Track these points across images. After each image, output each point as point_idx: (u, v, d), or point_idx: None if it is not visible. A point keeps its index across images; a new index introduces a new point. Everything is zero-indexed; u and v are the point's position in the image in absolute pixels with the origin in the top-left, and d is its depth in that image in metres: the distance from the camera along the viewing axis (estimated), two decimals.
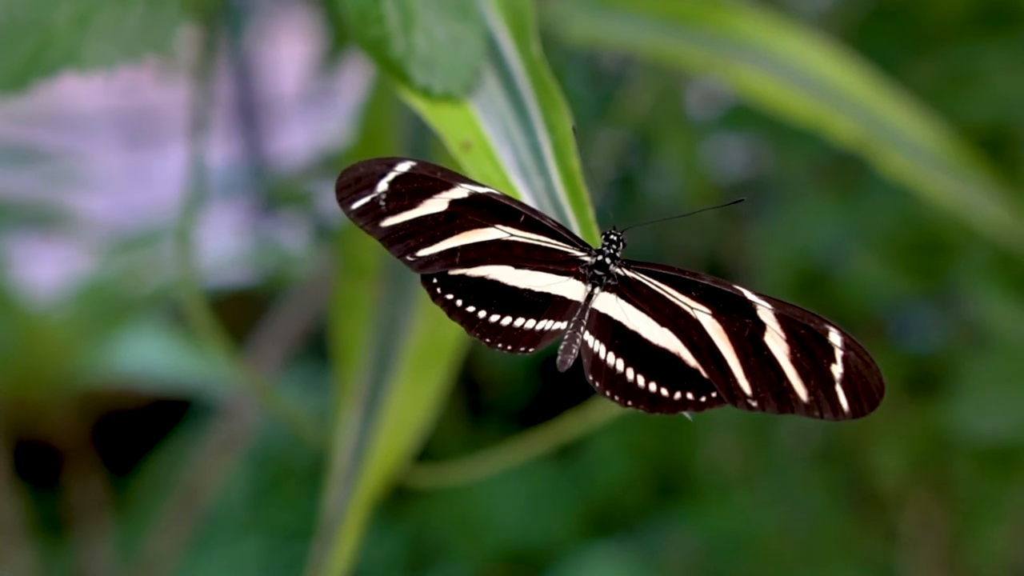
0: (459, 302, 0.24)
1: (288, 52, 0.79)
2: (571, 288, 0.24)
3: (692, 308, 0.23)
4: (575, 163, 0.25)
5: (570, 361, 0.23)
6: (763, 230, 0.58)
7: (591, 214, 0.25)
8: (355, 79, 0.64)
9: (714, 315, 0.23)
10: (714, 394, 0.23)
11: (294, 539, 0.84)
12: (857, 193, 0.51)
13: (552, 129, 0.26)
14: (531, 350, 0.24)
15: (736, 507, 0.73)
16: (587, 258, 0.24)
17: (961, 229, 0.47)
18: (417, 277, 0.37)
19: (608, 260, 0.24)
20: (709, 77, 0.52)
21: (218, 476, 0.68)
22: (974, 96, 0.48)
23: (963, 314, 0.54)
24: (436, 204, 0.24)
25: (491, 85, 0.28)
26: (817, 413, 0.22)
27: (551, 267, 0.24)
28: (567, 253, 0.24)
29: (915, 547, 0.65)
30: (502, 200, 0.24)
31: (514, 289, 0.24)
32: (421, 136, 0.38)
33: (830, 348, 0.22)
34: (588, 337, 0.24)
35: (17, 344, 0.68)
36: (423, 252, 0.24)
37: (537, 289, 0.24)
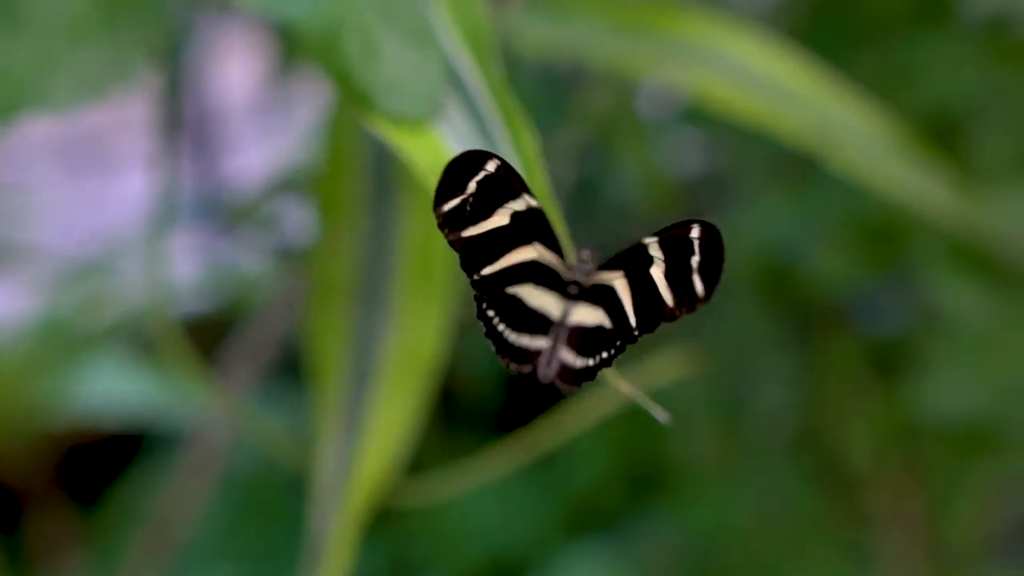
0: (495, 320, 0.24)
1: (237, 69, 0.79)
2: (556, 306, 0.24)
3: (612, 279, 0.24)
4: (545, 182, 0.26)
5: (551, 374, 0.24)
6: (722, 228, 0.59)
7: (564, 229, 0.25)
8: (308, 93, 0.64)
9: (624, 275, 0.24)
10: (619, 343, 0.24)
11: (268, 564, 0.83)
12: (813, 186, 0.52)
13: (519, 149, 0.27)
14: (528, 368, 0.24)
15: (713, 498, 0.74)
16: (569, 276, 0.25)
17: (914, 218, 0.48)
18: (390, 291, 0.38)
19: (580, 278, 0.25)
20: (663, 81, 0.53)
21: (189, 504, 0.68)
22: (916, 88, 0.49)
23: (922, 298, 0.56)
24: (502, 215, 0.24)
25: (454, 109, 0.29)
26: (679, 311, 0.23)
27: (553, 288, 0.24)
28: (560, 273, 0.25)
29: (888, 527, 0.67)
30: (544, 219, 0.24)
31: (531, 310, 0.24)
32: (387, 158, 0.39)
33: (690, 243, 0.23)
34: (562, 349, 0.24)
35: None
36: (487, 271, 0.24)
37: (539, 310, 0.24)
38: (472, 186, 0.23)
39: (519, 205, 0.24)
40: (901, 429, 0.59)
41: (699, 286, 0.23)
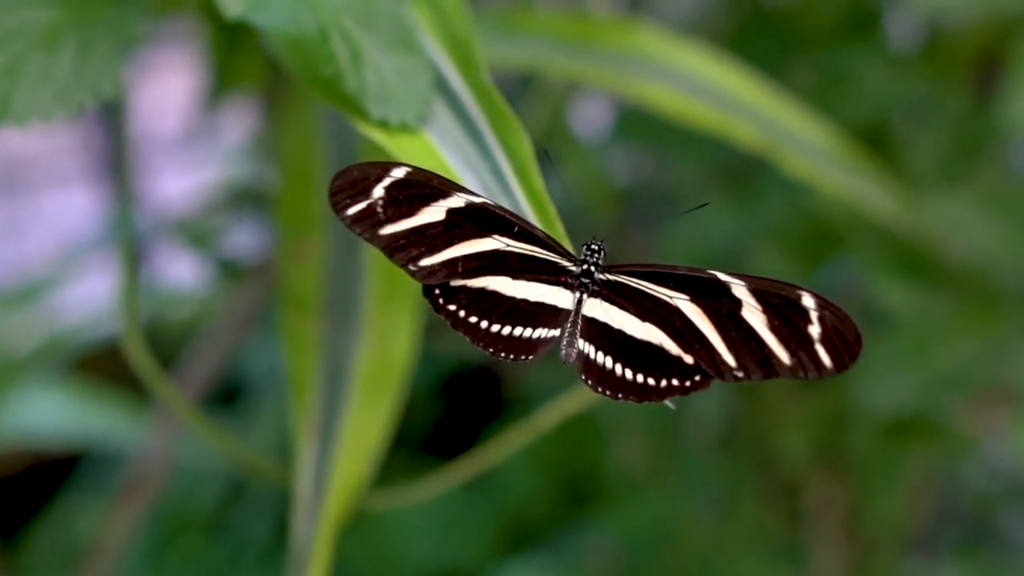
0: (462, 313, 0.25)
1: (160, 90, 0.78)
2: (562, 297, 0.25)
3: (672, 298, 0.25)
4: (540, 183, 0.26)
5: (573, 355, 0.25)
6: (658, 235, 0.60)
7: (561, 228, 0.26)
8: (235, 118, 0.63)
9: (692, 300, 0.24)
10: (697, 377, 0.24)
11: None
12: (751, 192, 0.54)
13: (512, 152, 0.27)
14: (530, 357, 0.25)
15: (647, 505, 0.75)
16: (573, 268, 0.25)
17: (851, 218, 0.50)
18: (359, 305, 0.38)
19: (592, 268, 0.25)
20: (607, 92, 0.54)
21: (119, 532, 0.66)
22: (848, 97, 0.52)
23: (856, 299, 0.58)
24: (434, 212, 0.24)
25: (442, 114, 0.29)
26: (802, 373, 0.24)
27: (543, 277, 0.25)
28: (556, 263, 0.25)
29: (816, 524, 0.69)
30: (497, 211, 0.25)
31: (512, 299, 0.25)
32: (346, 162, 0.39)
33: (804, 311, 0.24)
34: (579, 341, 0.25)
35: None
36: (425, 262, 0.24)
37: (532, 299, 0.25)
38: (379, 191, 0.24)
39: (455, 203, 0.25)
40: (830, 427, 0.61)
41: (827, 359, 0.23)
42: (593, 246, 0.26)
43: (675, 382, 0.24)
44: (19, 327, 0.70)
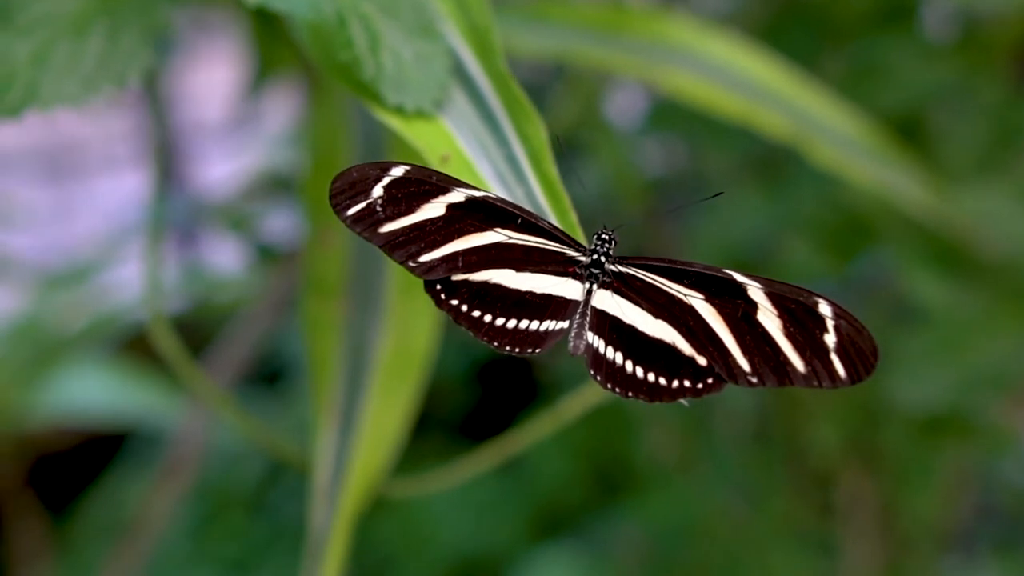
0: (464, 307, 0.24)
1: (207, 79, 0.79)
2: (570, 288, 0.25)
3: (686, 295, 0.24)
4: (554, 170, 0.26)
5: (581, 347, 0.25)
6: (690, 226, 0.60)
7: (574, 217, 0.26)
8: (279, 105, 0.64)
9: (707, 299, 0.24)
10: (710, 380, 0.24)
11: (238, 569, 0.83)
12: (781, 183, 0.53)
13: (527, 139, 0.27)
14: (538, 350, 0.25)
15: (678, 496, 0.74)
16: (582, 258, 0.25)
17: (883, 211, 0.50)
18: (382, 291, 0.38)
19: (603, 259, 0.25)
20: (637, 81, 0.54)
21: (162, 509, 0.67)
22: (881, 87, 0.51)
23: (888, 292, 0.57)
24: (434, 208, 0.24)
25: (460, 101, 0.29)
26: (816, 382, 0.23)
27: (550, 268, 0.25)
28: (564, 254, 0.25)
29: (849, 520, 0.68)
30: (499, 203, 0.25)
31: (517, 292, 0.25)
32: (374, 152, 0.39)
33: (821, 319, 0.23)
34: (588, 334, 0.25)
35: None
36: (425, 257, 0.24)
37: (539, 291, 0.25)
38: (378, 190, 0.24)
39: (455, 198, 0.25)
40: (864, 422, 0.61)
41: (841, 370, 0.23)
42: (604, 235, 0.25)
43: (687, 383, 0.24)
44: (68, 307, 0.72)
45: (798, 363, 0.23)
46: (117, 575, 0.64)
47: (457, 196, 0.25)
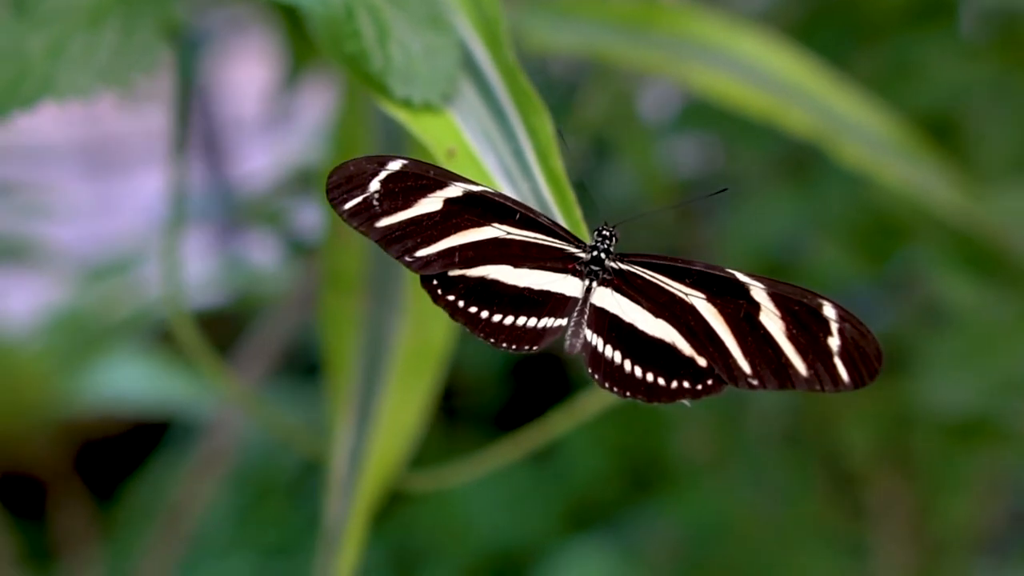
0: (461, 303, 0.24)
1: (246, 75, 0.80)
2: (569, 285, 0.25)
3: (687, 295, 0.24)
4: (560, 165, 0.26)
5: (578, 346, 0.24)
6: (721, 226, 0.60)
7: (579, 213, 0.26)
8: (314, 100, 0.65)
9: (709, 299, 0.24)
10: (710, 381, 0.24)
11: (279, 555, 0.84)
12: (811, 183, 0.53)
13: (534, 133, 0.27)
14: (535, 348, 0.25)
15: (710, 494, 0.74)
16: (582, 254, 0.25)
17: (916, 213, 0.49)
18: (400, 285, 0.39)
19: (603, 255, 0.25)
20: (666, 78, 0.54)
21: (202, 495, 0.69)
22: (916, 86, 0.50)
23: (919, 294, 0.56)
24: (431, 203, 0.24)
25: (469, 94, 0.29)
26: (818, 386, 0.23)
27: (548, 264, 0.25)
28: (563, 250, 0.25)
29: (882, 523, 0.67)
30: (497, 198, 0.25)
31: (515, 288, 0.25)
32: (395, 147, 0.39)
33: (825, 322, 0.23)
34: (587, 331, 0.24)
35: None
36: (421, 252, 0.24)
37: (537, 287, 0.25)
38: (375, 184, 0.24)
39: (452, 192, 0.24)
40: (896, 425, 0.60)
41: (845, 374, 0.23)
42: (605, 231, 0.25)
43: (686, 384, 0.24)
44: (110, 298, 0.73)
45: (800, 366, 0.23)
46: (159, 560, 0.66)
47: (455, 191, 0.25)
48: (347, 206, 0.24)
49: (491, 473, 0.83)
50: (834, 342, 0.23)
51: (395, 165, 0.24)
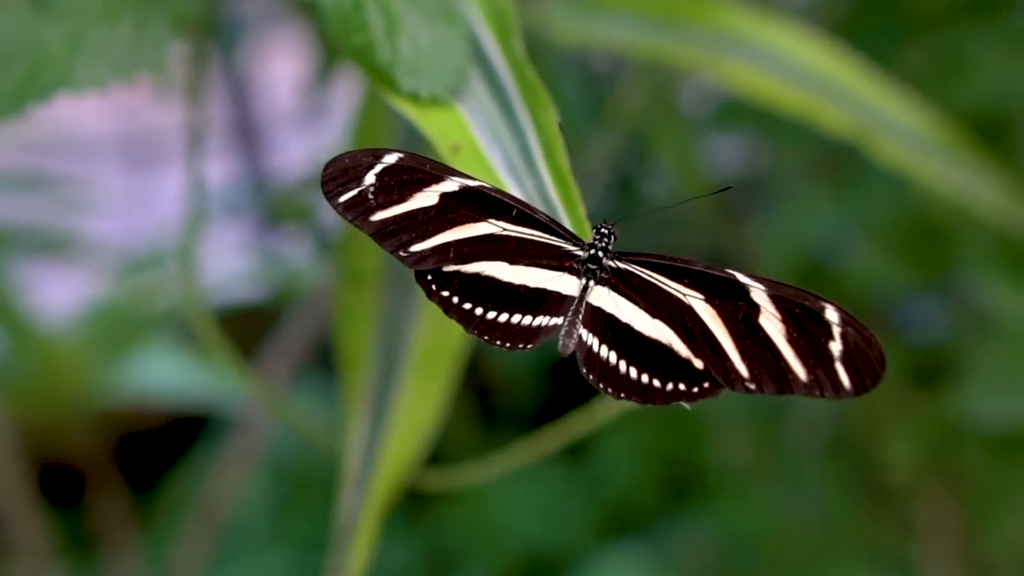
0: (455, 299, 0.24)
1: (282, 69, 0.80)
2: (566, 283, 0.24)
3: (685, 295, 0.23)
4: (565, 161, 0.26)
5: (571, 346, 0.24)
6: (760, 226, 0.58)
7: (582, 211, 0.25)
8: (349, 93, 0.65)
9: (707, 300, 0.23)
10: (706, 384, 0.23)
11: (315, 549, 0.84)
12: (853, 184, 0.51)
13: (541, 129, 0.27)
14: (529, 346, 0.24)
15: (749, 504, 0.73)
16: (580, 252, 0.24)
17: (960, 216, 0.47)
18: (416, 283, 0.38)
19: (600, 253, 0.24)
20: (698, 74, 0.53)
21: (237, 489, 0.69)
22: (966, 82, 0.48)
23: (966, 302, 0.54)
24: (427, 198, 0.24)
25: (478, 88, 0.28)
26: (818, 392, 0.22)
27: (545, 262, 0.24)
28: (560, 248, 0.24)
29: (928, 539, 0.65)
30: (493, 193, 0.24)
31: (510, 285, 0.24)
32: (416, 143, 0.39)
33: (827, 325, 0.22)
34: (583, 331, 0.24)
35: (34, 368, 0.69)
36: (416, 247, 0.24)
37: (532, 285, 0.24)
38: (370, 178, 0.24)
39: (449, 187, 0.24)
40: (943, 438, 0.58)
41: (846, 380, 0.22)
42: (603, 229, 0.24)
43: (681, 387, 0.23)
44: (147, 291, 0.74)
45: (800, 371, 0.22)
46: (193, 552, 0.66)
47: (451, 185, 0.24)
48: (342, 199, 0.24)
49: (527, 476, 0.83)
50: (836, 346, 0.22)
51: (391, 159, 0.24)
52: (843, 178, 0.53)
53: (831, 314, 0.22)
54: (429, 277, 0.24)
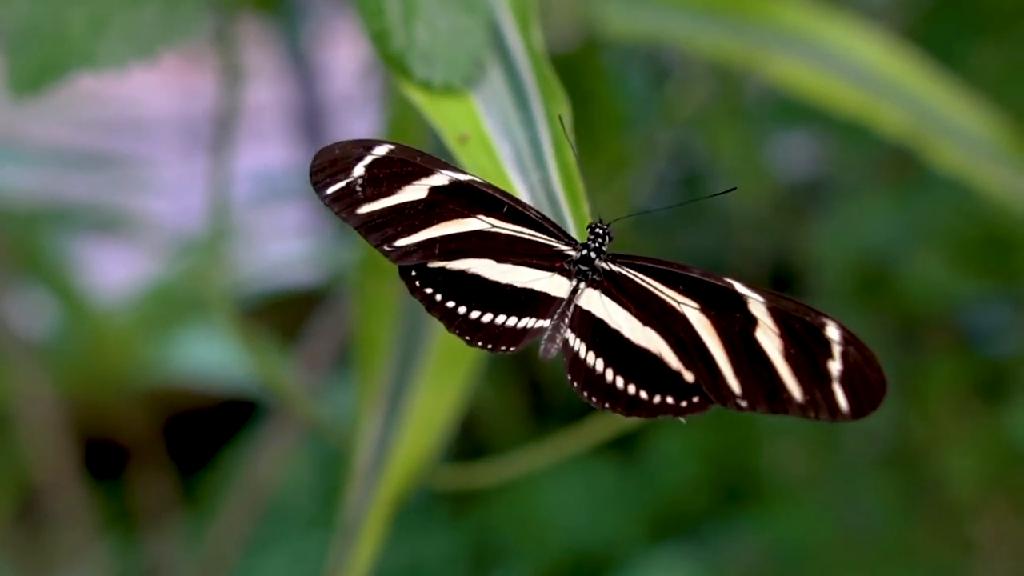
0: (438, 296, 0.23)
1: (347, 53, 0.80)
2: (555, 284, 0.23)
3: (679, 303, 0.22)
4: (572, 157, 0.24)
5: (553, 351, 0.23)
6: (820, 228, 0.56)
7: (586, 208, 0.24)
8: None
9: (702, 309, 0.22)
10: (695, 399, 0.22)
11: None
12: (917, 188, 0.49)
13: (552, 122, 0.25)
14: (512, 349, 0.23)
15: (801, 512, 0.71)
16: (572, 252, 0.23)
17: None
18: None
19: (593, 255, 0.23)
20: (752, 68, 0.51)
21: (281, 472, 0.69)
22: None
23: None
24: (415, 191, 0.23)
25: (495, 78, 0.27)
26: (813, 413, 0.21)
27: (535, 261, 0.23)
28: (551, 247, 0.23)
29: (989, 558, 0.62)
30: (484, 189, 0.23)
31: (496, 284, 0.23)
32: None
33: (826, 343, 0.21)
34: (569, 335, 0.23)
35: (86, 344, 0.70)
36: (401, 242, 0.23)
37: (520, 285, 0.23)
38: (359, 169, 0.23)
39: (438, 181, 0.23)
40: (1008, 455, 0.55)
41: (844, 403, 0.21)
42: (598, 230, 0.23)
43: (669, 400, 0.22)
44: (201, 272, 0.74)
45: (795, 390, 0.21)
46: (238, 531, 0.67)
47: (441, 179, 0.23)
48: (329, 191, 0.23)
49: (576, 473, 0.82)
50: (835, 366, 0.21)
51: (381, 150, 0.23)
52: (907, 181, 0.51)
53: (832, 331, 0.21)
54: (413, 273, 0.23)
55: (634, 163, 0.49)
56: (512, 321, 0.23)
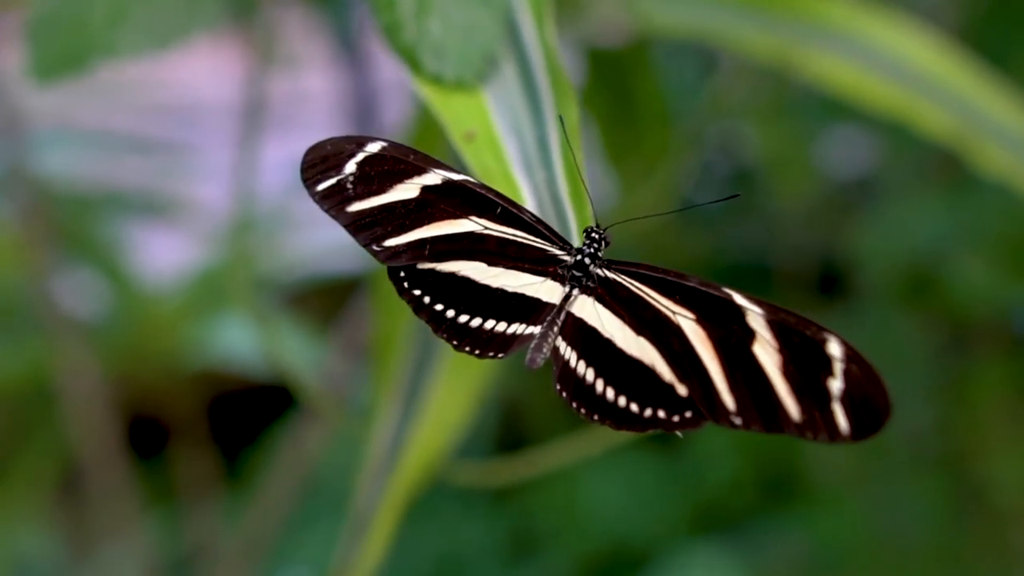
0: (427, 299, 0.22)
1: None
2: (547, 290, 0.22)
3: (674, 313, 0.21)
4: (579, 157, 0.24)
5: (540, 361, 0.22)
6: (865, 227, 0.55)
7: (590, 210, 0.23)
8: None
9: (698, 320, 0.21)
10: (688, 414, 0.21)
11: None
12: (965, 189, 0.47)
13: (561, 120, 0.25)
14: (501, 355, 0.22)
15: (844, 514, 0.69)
16: (566, 257, 0.22)
17: None
18: None
19: (588, 260, 0.22)
20: (792, 65, 0.49)
21: (321, 453, 0.70)
22: None
23: None
24: (407, 190, 0.22)
25: (508, 74, 0.27)
26: (810, 434, 0.20)
27: (527, 265, 0.23)
28: (545, 251, 0.23)
29: None
30: (478, 189, 0.23)
31: (486, 288, 0.22)
32: None
33: (828, 360, 0.20)
34: (560, 343, 0.22)
35: (133, 325, 0.71)
36: (390, 242, 0.22)
37: (511, 289, 0.22)
38: (351, 166, 0.22)
39: (431, 180, 0.22)
40: None
41: (844, 424, 0.20)
42: (593, 235, 0.22)
43: (661, 414, 0.21)
44: (248, 258, 0.75)
45: (792, 408, 0.20)
46: (273, 513, 0.67)
47: (433, 178, 0.22)
48: (319, 188, 0.22)
49: (617, 466, 0.81)
50: (835, 384, 0.20)
51: (374, 147, 0.23)
52: (955, 181, 0.49)
53: (834, 348, 0.20)
54: (401, 274, 0.22)
55: (680, 156, 0.49)
56: (501, 327, 0.22)
